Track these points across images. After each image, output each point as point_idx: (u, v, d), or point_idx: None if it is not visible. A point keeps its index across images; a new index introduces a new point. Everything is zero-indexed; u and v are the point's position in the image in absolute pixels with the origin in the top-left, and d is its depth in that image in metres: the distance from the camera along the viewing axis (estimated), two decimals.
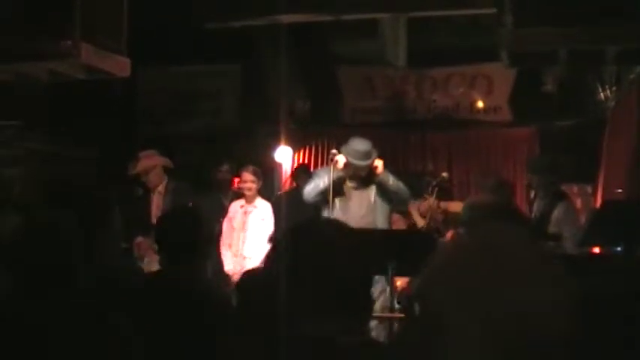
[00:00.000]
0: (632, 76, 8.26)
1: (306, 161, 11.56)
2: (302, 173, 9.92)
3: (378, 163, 7.49)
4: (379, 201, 7.59)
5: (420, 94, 11.57)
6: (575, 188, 10.32)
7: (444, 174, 8.48)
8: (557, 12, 6.01)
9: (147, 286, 4.24)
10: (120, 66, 6.89)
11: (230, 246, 8.57)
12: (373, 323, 6.54)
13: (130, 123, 11.34)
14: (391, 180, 7.57)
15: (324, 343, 2.39)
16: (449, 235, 9.14)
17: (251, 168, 8.70)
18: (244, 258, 8.37)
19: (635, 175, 7.64)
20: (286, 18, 8.83)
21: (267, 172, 10.40)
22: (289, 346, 2.38)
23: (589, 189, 10.36)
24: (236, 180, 9.24)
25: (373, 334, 6.84)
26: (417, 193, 9.42)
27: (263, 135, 11.18)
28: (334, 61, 11.72)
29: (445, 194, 9.10)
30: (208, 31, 9.74)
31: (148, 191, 8.34)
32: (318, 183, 7.52)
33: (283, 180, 10.84)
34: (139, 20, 7.31)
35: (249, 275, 4.07)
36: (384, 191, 7.58)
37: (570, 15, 6.02)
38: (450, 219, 9.32)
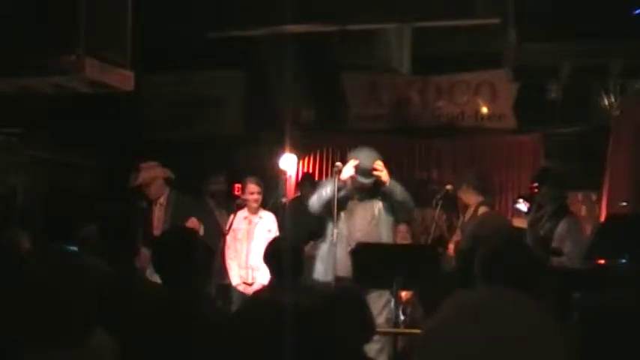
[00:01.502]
0: (637, 87, 8.24)
1: (310, 168, 11.56)
2: (306, 182, 9.93)
3: (383, 174, 7.45)
4: (383, 213, 7.56)
5: (424, 101, 11.55)
6: (579, 196, 10.32)
7: (449, 186, 8.42)
8: (560, 28, 6.02)
9: (148, 307, 4.23)
10: (124, 80, 6.91)
11: (235, 257, 8.57)
12: (376, 337, 6.51)
13: (134, 130, 11.33)
14: (399, 190, 7.54)
15: None
16: (451, 245, 9.14)
17: (254, 179, 8.70)
18: (252, 269, 8.37)
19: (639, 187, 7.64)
20: (292, 28, 8.84)
21: (272, 180, 10.40)
22: None
23: (593, 197, 10.35)
24: (237, 188, 9.24)
25: (378, 347, 6.84)
26: (422, 201, 9.43)
27: (267, 142, 11.18)
28: (339, 67, 11.70)
29: (450, 205, 9.08)
30: (213, 38, 9.75)
31: (150, 203, 8.34)
32: (322, 193, 7.50)
33: (288, 188, 10.83)
34: (144, 28, 7.33)
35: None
36: (390, 202, 7.56)
37: (573, 31, 6.02)
38: (454, 227, 9.34)
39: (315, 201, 7.57)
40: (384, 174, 7.42)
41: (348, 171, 7.40)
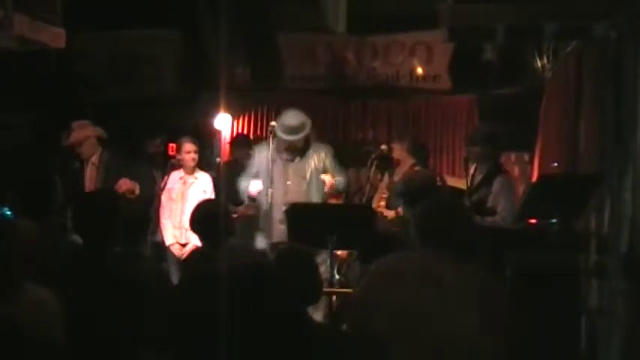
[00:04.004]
0: (569, 48, 8.31)
1: (245, 128, 11.54)
2: (241, 144, 9.87)
3: (326, 178, 7.62)
4: (315, 176, 7.66)
5: (360, 61, 11.54)
6: (512, 156, 10.45)
7: (383, 146, 8.49)
8: None
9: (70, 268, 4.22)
10: (55, 37, 6.77)
11: (170, 217, 8.53)
12: None
13: (68, 89, 11.15)
14: (341, 187, 7.83)
15: None
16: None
17: (190, 138, 8.67)
18: (186, 230, 8.32)
19: (570, 148, 7.74)
20: None
21: (207, 140, 10.34)
22: None
23: (526, 157, 10.48)
24: (172, 147, 9.18)
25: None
26: (357, 161, 9.46)
27: (203, 101, 11.08)
28: (274, 27, 11.63)
29: (385, 166, 9.13)
30: None
31: (82, 162, 8.23)
32: (241, 187, 7.81)
33: (222, 147, 10.77)
34: None
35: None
36: (322, 164, 7.70)
37: None
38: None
39: (244, 190, 7.86)
40: (326, 177, 7.66)
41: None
